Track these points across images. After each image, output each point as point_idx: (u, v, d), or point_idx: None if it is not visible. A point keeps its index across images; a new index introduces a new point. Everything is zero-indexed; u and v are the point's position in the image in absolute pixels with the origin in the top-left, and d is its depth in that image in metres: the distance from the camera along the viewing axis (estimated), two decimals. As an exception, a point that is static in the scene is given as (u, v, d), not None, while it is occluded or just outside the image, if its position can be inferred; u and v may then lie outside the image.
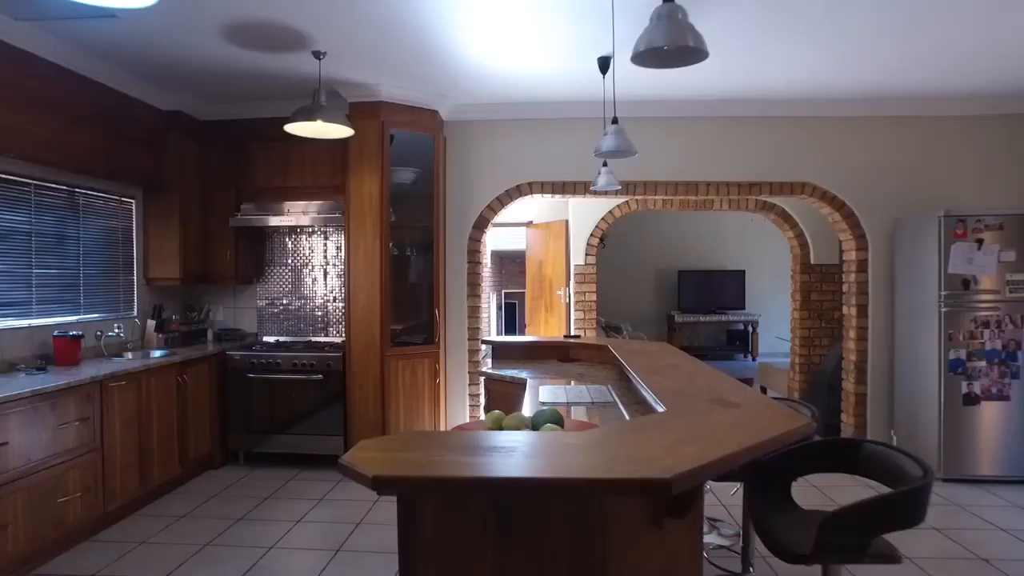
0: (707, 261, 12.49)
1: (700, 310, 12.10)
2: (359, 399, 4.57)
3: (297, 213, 4.85)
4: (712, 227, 12.51)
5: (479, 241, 5.18)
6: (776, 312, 12.47)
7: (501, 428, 1.80)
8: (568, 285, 6.81)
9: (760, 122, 5.06)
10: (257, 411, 4.67)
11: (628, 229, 11.35)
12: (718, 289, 12.39)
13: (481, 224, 5.15)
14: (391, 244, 4.69)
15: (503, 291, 15.94)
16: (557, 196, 5.29)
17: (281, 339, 5.26)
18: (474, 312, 5.18)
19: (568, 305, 6.80)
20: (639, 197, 6.10)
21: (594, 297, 6.46)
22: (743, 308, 12.32)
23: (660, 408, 1.89)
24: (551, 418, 1.80)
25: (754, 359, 12.10)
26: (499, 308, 14.99)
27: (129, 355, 4.31)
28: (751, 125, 5.07)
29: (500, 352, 4.09)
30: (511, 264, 16.41)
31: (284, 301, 5.32)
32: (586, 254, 6.45)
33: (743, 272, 12.35)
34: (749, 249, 12.56)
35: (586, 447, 1.39)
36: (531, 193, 5.15)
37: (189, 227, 4.81)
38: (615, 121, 3.63)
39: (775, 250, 12.59)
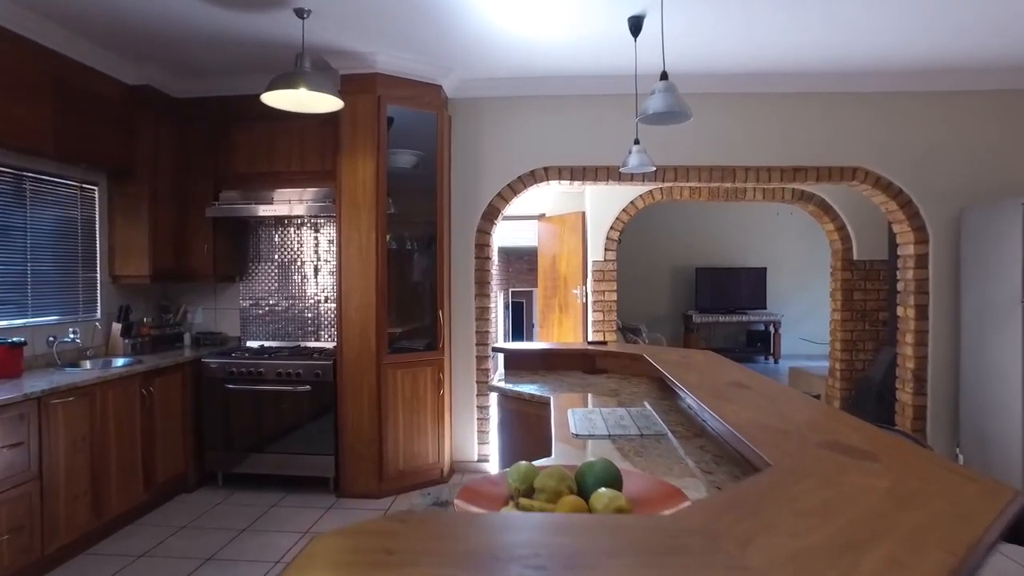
0: (726, 258, 11.91)
1: (718, 310, 11.52)
2: (352, 413, 4.02)
3: (284, 202, 4.30)
4: (732, 222, 11.92)
5: (488, 234, 4.62)
6: (799, 312, 11.88)
7: (532, 490, 1.25)
8: (585, 283, 6.25)
9: (808, 99, 4.49)
10: (238, 426, 4.13)
11: (642, 224, 10.77)
12: (737, 287, 11.81)
13: (491, 215, 4.60)
14: (388, 237, 4.14)
15: (510, 289, 15.39)
16: (576, 184, 4.72)
17: (267, 344, 4.71)
18: (483, 314, 4.63)
19: (585, 305, 6.24)
20: (666, 185, 5.55)
21: (614, 297, 5.90)
22: (764, 307, 11.74)
23: (756, 451, 1.33)
24: (605, 476, 1.24)
25: (776, 361, 11.51)
26: (506, 308, 14.43)
27: (87, 364, 3.77)
28: (798, 102, 4.50)
29: (514, 361, 3.53)
30: (518, 261, 15.85)
31: (270, 301, 4.78)
32: (605, 249, 5.89)
33: (764, 270, 11.76)
34: (771, 245, 11.96)
35: (699, 556, 0.83)
36: (547, 180, 4.59)
37: (161, 218, 4.27)
38: (664, 76, 2.98)
39: (799, 246, 12.00)
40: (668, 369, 2.56)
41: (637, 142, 3.61)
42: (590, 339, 5.87)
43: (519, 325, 16.60)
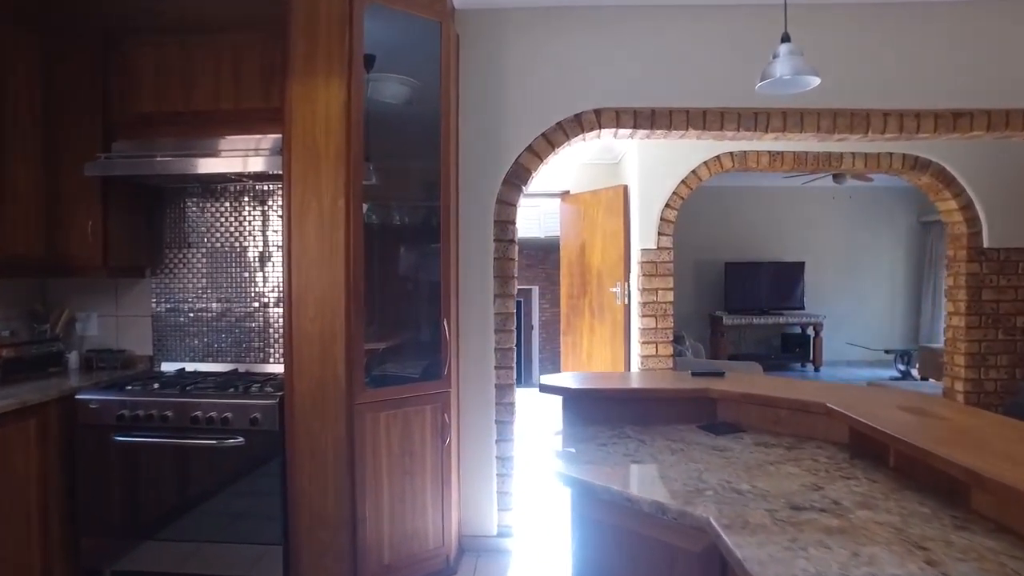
0: (758, 250, 10.57)
1: (749, 310, 10.18)
2: (309, 481, 2.62)
3: (213, 155, 2.88)
4: (765, 209, 10.58)
5: (513, 206, 3.24)
6: (843, 312, 10.57)
7: None
8: (627, 279, 4.87)
9: (979, 6, 3.14)
10: (133, 500, 2.72)
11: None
12: (771, 285, 10.48)
13: (517, 179, 3.21)
14: (367, 208, 2.75)
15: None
16: (640, 134, 3.33)
17: (193, 367, 3.30)
18: (505, 323, 3.24)
19: (627, 307, 4.86)
20: (749, 141, 4.19)
21: (670, 297, 4.52)
22: (802, 308, 10.42)
23: None
24: None
25: (817, 369, 10.21)
26: (506, 307, 13.03)
27: None
28: (966, 13, 3.15)
29: (579, 406, 2.14)
30: (519, 257, 14.45)
31: (197, 306, 3.35)
32: (659, 234, 4.50)
33: (802, 264, 10.43)
34: (809, 236, 10.64)
35: None
36: (599, 128, 3.21)
37: (17, 180, 2.85)
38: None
39: (841, 236, 10.70)
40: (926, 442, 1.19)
41: (787, 39, 2.23)
42: (640, 353, 4.49)
43: (517, 328, 15.24)
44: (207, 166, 2.81)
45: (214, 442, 2.63)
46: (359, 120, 2.61)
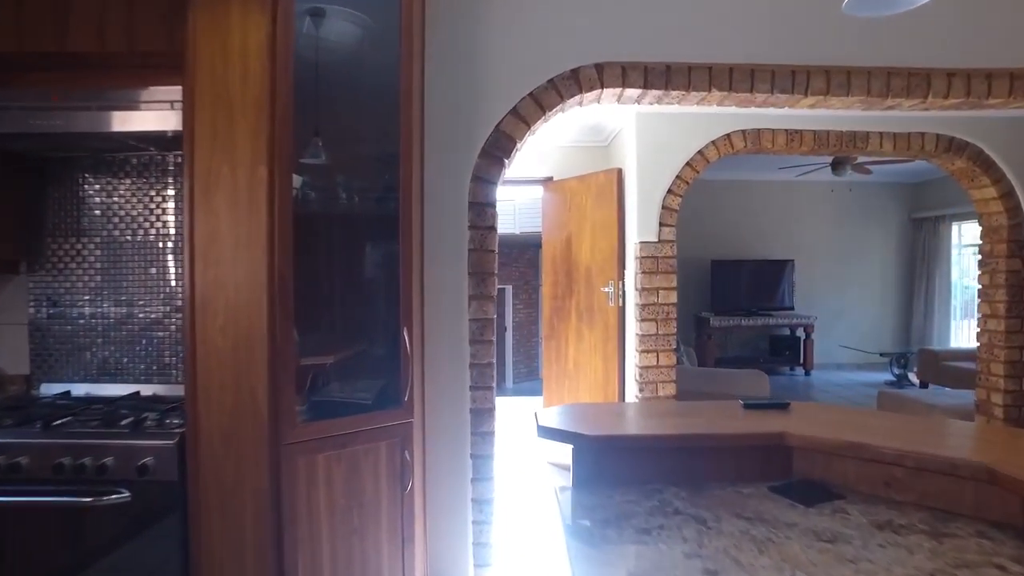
0: (746, 248, 10.07)
1: (737, 311, 9.68)
2: (219, 545, 1.95)
3: (99, 112, 2.18)
4: (754, 204, 10.10)
5: (493, 184, 2.60)
6: (834, 312, 10.14)
7: None
8: (621, 278, 4.26)
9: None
10: (-22, 575, 2.01)
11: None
12: (760, 284, 9.99)
13: (498, 149, 2.57)
14: (301, 183, 2.10)
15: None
16: (651, 96, 2.71)
17: (86, 389, 2.59)
18: (483, 332, 2.60)
19: (622, 310, 4.25)
20: (774, 113, 3.64)
21: (673, 298, 3.92)
22: (791, 308, 9.95)
23: None
24: None
25: (807, 373, 9.75)
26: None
27: None
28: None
29: (593, 456, 1.51)
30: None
31: (86, 311, 2.64)
32: (660, 224, 3.90)
33: (790, 263, 9.96)
34: (798, 233, 10.18)
35: None
36: (602, 87, 2.59)
37: None
38: None
39: (832, 234, 10.25)
40: None
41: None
42: (638, 363, 3.88)
43: (492, 328, 14.55)
44: (79, 123, 2.11)
45: (88, 500, 1.93)
46: (288, 61, 1.95)
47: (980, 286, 4.27)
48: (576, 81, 2.58)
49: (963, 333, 9.81)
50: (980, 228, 4.26)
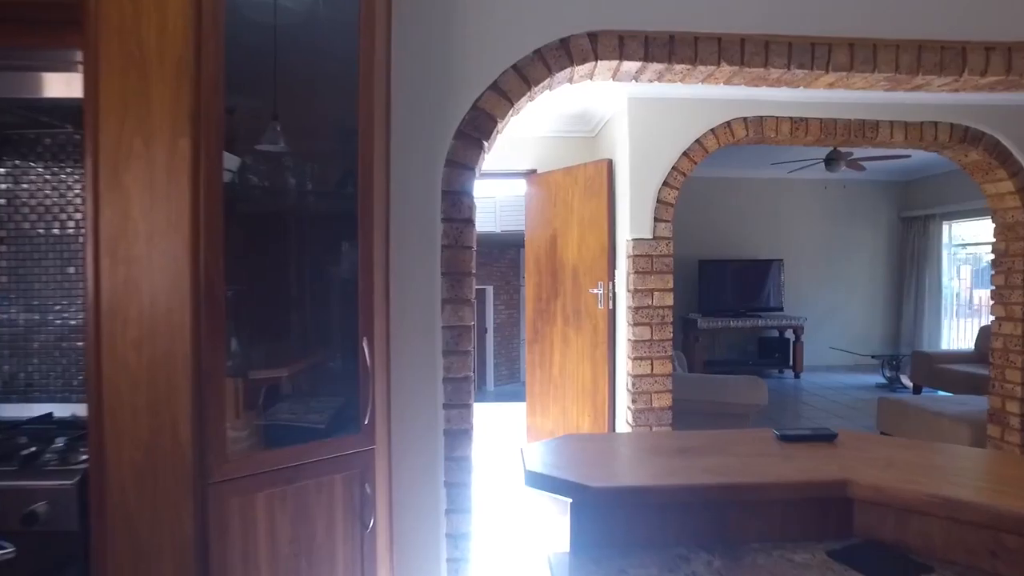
0: (734, 248, 9.83)
1: (725, 312, 9.43)
2: (133, 614, 1.59)
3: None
4: (740, 202, 9.86)
5: (471, 171, 2.26)
6: (823, 313, 9.93)
7: None
8: (612, 279, 3.94)
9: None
10: None
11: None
12: (749, 284, 9.76)
13: (477, 129, 2.24)
14: (239, 165, 1.75)
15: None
16: (652, 71, 2.39)
17: (-12, 408, 2.21)
18: (460, 341, 2.26)
19: (612, 313, 3.94)
20: (771, 97, 3.35)
21: (669, 300, 3.61)
22: (780, 309, 9.72)
23: None
24: None
25: (797, 375, 9.52)
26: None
27: None
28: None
29: (598, 513, 1.18)
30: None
31: (-8, 315, 2.26)
32: (655, 219, 3.58)
33: (779, 262, 9.73)
34: (786, 232, 9.96)
35: None
36: (596, 59, 2.26)
37: None
38: None
39: (821, 233, 10.04)
40: None
41: None
42: (630, 371, 3.57)
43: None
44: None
45: (-38, 554, 1.56)
46: (217, 13, 1.59)
47: (993, 287, 4.02)
48: (567, 52, 2.25)
49: (954, 334, 9.65)
50: (994, 225, 4.01)
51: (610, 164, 3.92)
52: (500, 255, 13.96)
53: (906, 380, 8.35)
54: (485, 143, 2.25)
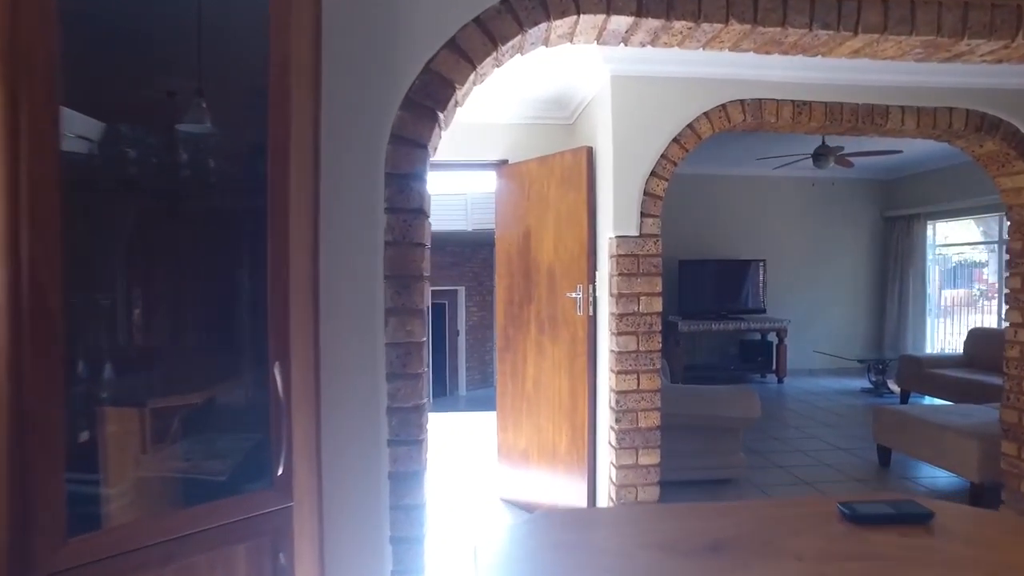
0: (714, 248, 9.50)
1: (706, 314, 9.11)
2: None
3: None
4: (721, 200, 9.55)
5: (424, 148, 1.82)
6: (806, 315, 9.65)
7: None
8: (592, 281, 3.53)
9: None
10: None
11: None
12: (730, 286, 9.45)
13: (429, 97, 1.80)
14: (102, 132, 1.29)
15: (429, 288, 12.44)
16: (645, 30, 1.97)
17: None
18: (406, 362, 1.81)
19: (593, 320, 3.52)
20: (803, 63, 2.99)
21: (658, 306, 3.20)
22: (763, 311, 9.42)
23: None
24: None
25: (780, 380, 9.23)
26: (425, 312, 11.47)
27: None
28: None
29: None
30: (439, 252, 12.95)
31: None
32: (642, 214, 3.17)
33: (762, 263, 9.43)
34: (769, 232, 9.66)
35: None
36: (579, 12, 1.84)
37: None
38: None
39: (804, 232, 9.76)
40: None
41: None
42: (614, 387, 3.15)
43: (440, 334, 13.72)
44: None
45: None
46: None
47: (1008, 290, 3.69)
48: (542, 3, 1.82)
49: (939, 337, 9.46)
50: (1009, 223, 3.69)
51: (590, 152, 3.50)
52: (472, 254, 13.51)
53: (893, 385, 8.09)
54: (440, 115, 1.82)
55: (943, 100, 3.36)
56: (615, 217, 3.18)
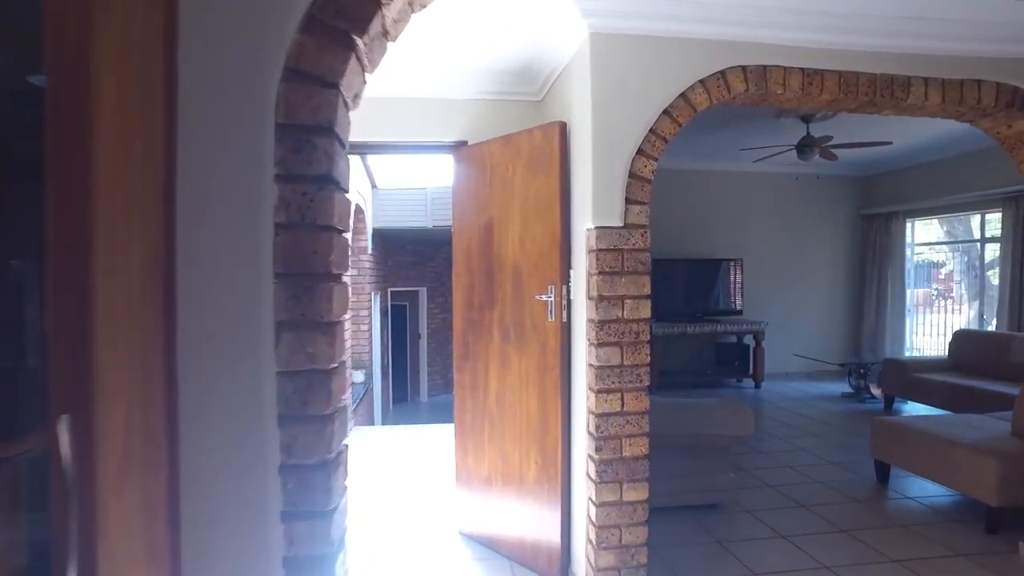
0: (689, 247, 9.08)
1: (680, 316, 8.70)
2: None
3: None
4: (696, 197, 9.15)
5: (334, 89, 1.25)
6: (785, 317, 9.29)
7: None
8: (567, 281, 3.00)
9: None
10: None
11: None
12: (705, 287, 9.05)
13: (342, 13, 1.23)
14: None
15: (389, 289, 11.82)
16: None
17: None
18: (308, 396, 1.25)
19: (567, 327, 2.99)
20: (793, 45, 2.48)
21: (646, 312, 2.68)
22: (739, 312, 9.04)
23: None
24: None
25: (758, 385, 8.84)
26: (383, 315, 10.89)
27: None
28: None
29: None
30: (400, 253, 12.31)
31: None
32: (628, 200, 2.65)
33: (738, 262, 9.05)
34: (744, 230, 9.27)
35: None
36: None
37: None
38: None
39: (780, 231, 9.40)
40: None
41: None
42: (593, 408, 2.63)
43: (401, 338, 13.08)
44: None
45: None
46: None
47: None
48: None
49: (918, 339, 9.20)
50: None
51: (564, 128, 2.98)
52: (434, 253, 12.92)
53: (875, 390, 7.76)
54: (359, 42, 1.26)
55: (971, 71, 2.92)
56: (594, 205, 2.65)
